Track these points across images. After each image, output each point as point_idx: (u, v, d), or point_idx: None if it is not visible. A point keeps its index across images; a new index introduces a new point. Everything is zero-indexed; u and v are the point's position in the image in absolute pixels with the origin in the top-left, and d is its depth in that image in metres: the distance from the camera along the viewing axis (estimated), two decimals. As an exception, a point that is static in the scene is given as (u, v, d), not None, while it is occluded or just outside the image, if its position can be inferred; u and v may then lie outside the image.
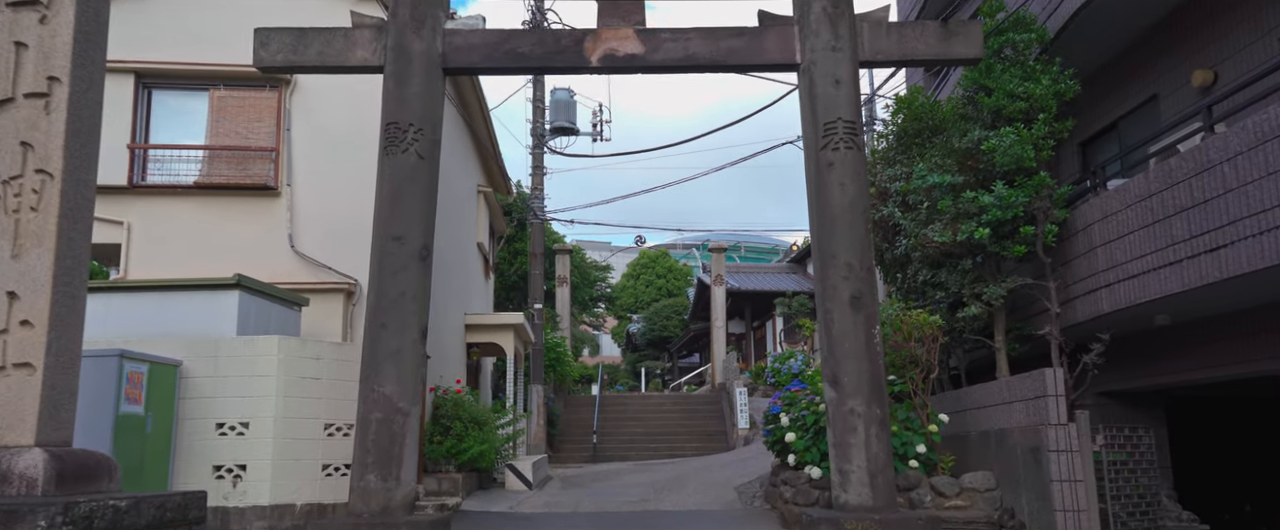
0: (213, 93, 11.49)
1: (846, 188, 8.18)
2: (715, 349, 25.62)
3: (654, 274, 53.10)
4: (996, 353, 9.25)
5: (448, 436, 11.62)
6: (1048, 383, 7.45)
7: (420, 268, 8.24)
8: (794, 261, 34.16)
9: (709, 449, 19.94)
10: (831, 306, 8.05)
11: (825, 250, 8.16)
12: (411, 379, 8.07)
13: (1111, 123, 9.86)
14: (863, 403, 7.80)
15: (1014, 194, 8.49)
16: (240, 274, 8.95)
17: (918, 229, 9.86)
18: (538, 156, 18.74)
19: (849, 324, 7.93)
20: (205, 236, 11.26)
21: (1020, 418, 7.95)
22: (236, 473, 8.46)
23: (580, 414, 22.05)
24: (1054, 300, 8.57)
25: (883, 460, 7.75)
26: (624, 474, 15.89)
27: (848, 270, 8.00)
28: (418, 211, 8.25)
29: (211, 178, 11.33)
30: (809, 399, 9.61)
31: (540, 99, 18.61)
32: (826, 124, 8.26)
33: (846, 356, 7.90)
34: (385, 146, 8.27)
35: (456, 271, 14.81)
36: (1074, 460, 7.30)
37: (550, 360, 20.88)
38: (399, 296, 8.11)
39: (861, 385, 7.81)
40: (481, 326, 15.33)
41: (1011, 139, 8.50)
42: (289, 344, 8.78)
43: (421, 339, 8.23)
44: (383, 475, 7.80)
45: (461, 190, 15.40)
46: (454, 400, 12.04)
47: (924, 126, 10.80)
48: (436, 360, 12.68)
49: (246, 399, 8.57)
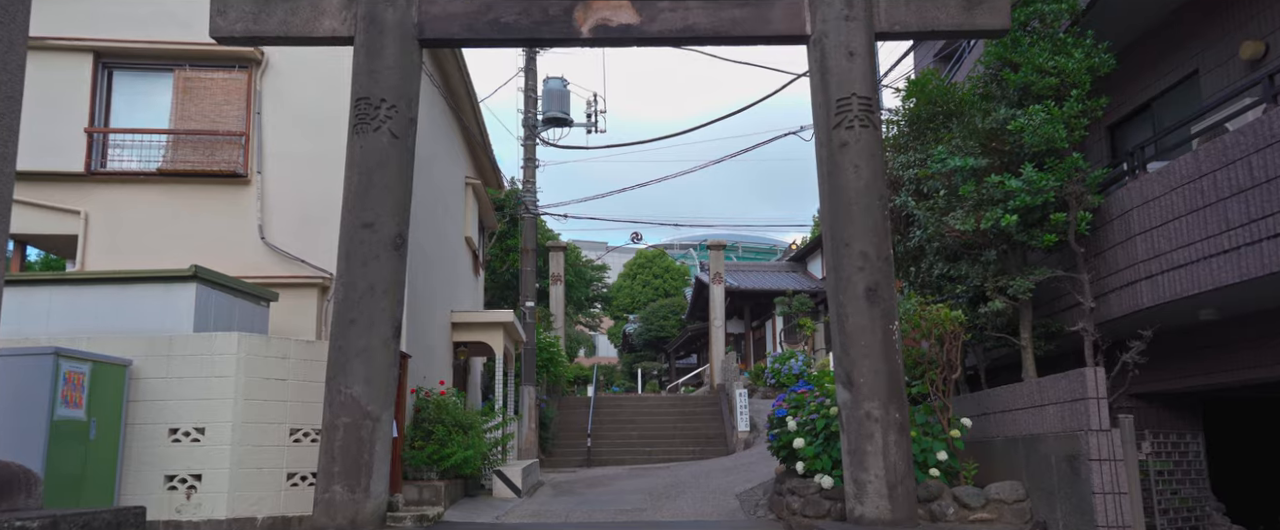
0: (178, 73, 10.73)
1: (861, 170, 7.44)
2: (714, 349, 24.88)
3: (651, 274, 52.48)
4: (1022, 352, 8.51)
5: (429, 441, 10.86)
6: (1088, 384, 6.70)
7: (393, 258, 7.49)
8: (794, 260, 33.44)
9: (708, 453, 19.19)
10: (845, 300, 7.30)
11: (838, 238, 7.42)
12: (383, 380, 7.31)
13: (1144, 103, 9.12)
14: (880, 406, 7.06)
15: (1044, 178, 7.75)
16: (197, 265, 8.19)
17: (934, 219, 9.14)
18: (530, 148, 17.98)
19: (865, 319, 7.19)
20: (169, 227, 10.51)
21: (1054, 422, 7.21)
22: (191, 483, 7.70)
23: (574, 416, 21.30)
24: (1088, 294, 7.84)
25: (902, 469, 7.02)
26: (619, 480, 15.13)
27: (863, 260, 7.26)
28: (390, 196, 7.49)
29: (176, 164, 10.57)
30: (818, 401, 8.87)
31: (532, 88, 17.86)
32: (839, 101, 7.53)
33: (862, 355, 7.16)
34: (355, 124, 7.52)
35: (443, 266, 14.05)
36: (1118, 470, 6.56)
37: (543, 361, 20.13)
38: (369, 289, 7.36)
39: (878, 386, 7.07)
40: (469, 325, 14.58)
41: (1041, 117, 7.77)
42: (251, 341, 8.02)
43: (394, 336, 7.48)
44: (350, 486, 7.05)
45: (448, 181, 14.65)
46: (437, 402, 11.28)
47: (939, 110, 10.06)
48: (420, 360, 11.93)
49: (203, 402, 7.82)
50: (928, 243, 9.70)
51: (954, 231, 8.28)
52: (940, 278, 9.74)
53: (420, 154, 12.42)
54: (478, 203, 16.75)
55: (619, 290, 48.97)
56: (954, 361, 7.96)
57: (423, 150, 12.46)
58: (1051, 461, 7.17)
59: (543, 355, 20.02)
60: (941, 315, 7.90)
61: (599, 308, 41.86)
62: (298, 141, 10.79)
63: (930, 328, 7.94)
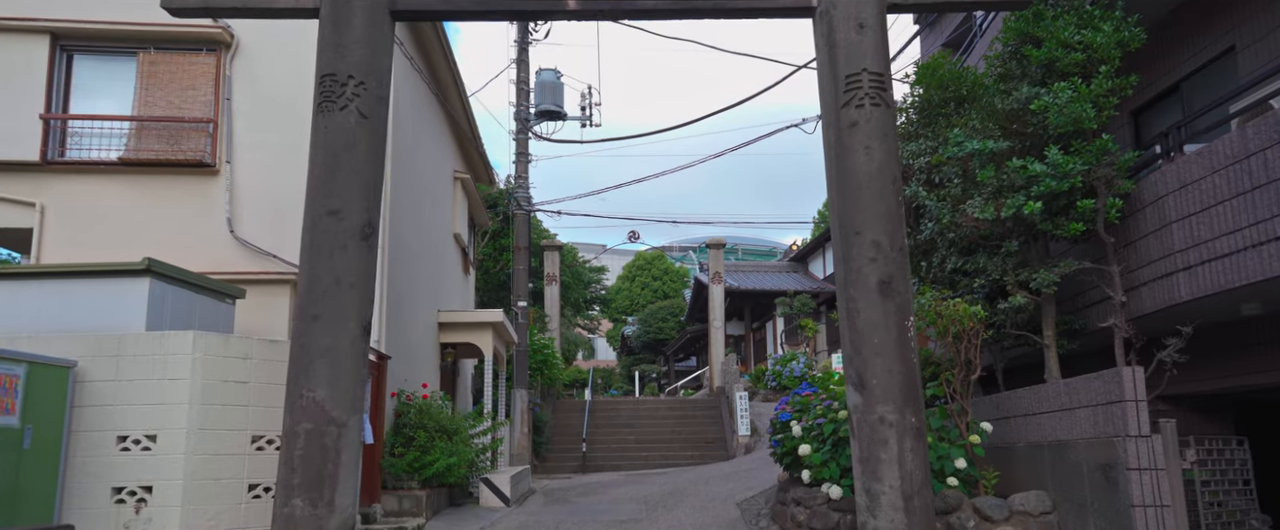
0: (142, 57, 10.08)
1: (873, 151, 6.76)
2: (713, 351, 24.22)
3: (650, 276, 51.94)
4: (1045, 351, 7.87)
5: (410, 448, 10.22)
6: (1125, 385, 6.06)
7: (362, 248, 6.82)
8: (795, 260, 32.81)
9: (707, 458, 18.54)
10: (856, 294, 6.63)
11: (848, 227, 6.75)
12: (350, 382, 6.64)
13: (1172, 84, 8.48)
14: (895, 409, 6.38)
15: (1071, 161, 7.11)
16: (151, 258, 7.54)
17: (946, 210, 8.51)
18: (522, 142, 17.32)
19: (878, 315, 6.51)
20: (132, 220, 9.87)
21: (1086, 427, 6.56)
22: (140, 496, 7.05)
23: (569, 420, 20.65)
24: (1118, 287, 7.19)
25: (919, 479, 6.35)
26: (614, 486, 14.48)
27: (875, 250, 6.59)
28: (359, 180, 6.82)
29: (140, 153, 9.91)
30: (825, 404, 8.23)
31: (524, 80, 17.21)
32: (849, 77, 6.86)
33: (875, 354, 6.48)
34: (320, 103, 6.85)
35: (428, 263, 13.42)
36: (1160, 480, 5.91)
37: (537, 363, 19.47)
38: (335, 283, 6.68)
39: (893, 388, 6.40)
40: (457, 325, 13.93)
41: (1068, 95, 7.12)
42: (208, 341, 7.37)
43: (364, 335, 6.80)
44: (312, 500, 6.37)
45: (434, 174, 14.01)
46: (419, 407, 10.64)
47: (951, 96, 9.43)
48: (402, 361, 11.29)
49: (155, 407, 7.17)
50: (940, 235, 9.07)
51: (971, 220, 7.64)
52: (954, 272, 9.10)
53: (403, 144, 11.79)
54: (467, 198, 16.11)
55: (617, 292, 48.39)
56: (974, 361, 7.31)
57: (405, 140, 11.82)
58: (1082, 470, 6.53)
59: (536, 357, 19.37)
60: (959, 311, 7.25)
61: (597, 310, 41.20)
62: (270, 130, 10.15)
63: (947, 325, 7.29)
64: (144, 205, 9.93)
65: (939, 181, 9.21)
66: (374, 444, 9.66)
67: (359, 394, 6.94)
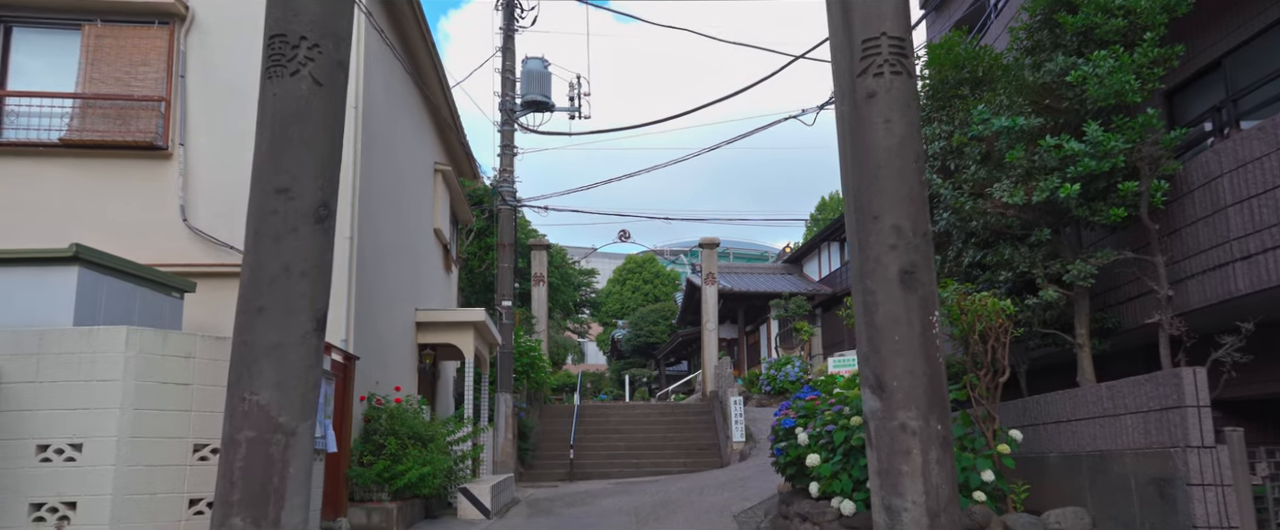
0: (87, 29, 9.25)
1: (893, 125, 5.95)
2: (706, 354, 23.42)
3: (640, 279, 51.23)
4: (1077, 351, 7.11)
5: (380, 456, 9.39)
6: (1185, 388, 5.29)
7: (316, 233, 5.99)
8: (789, 262, 32.07)
9: (700, 465, 17.74)
10: (874, 286, 5.82)
11: (864, 210, 5.95)
12: (300, 384, 5.81)
13: (1214, 61, 7.73)
14: (918, 416, 5.58)
15: (1112, 139, 6.35)
16: (80, 244, 6.71)
17: (965, 197, 7.77)
18: (507, 134, 16.49)
19: (899, 309, 5.70)
20: (75, 207, 9.04)
21: (1134, 436, 5.79)
22: (62, 513, 6.21)
23: (557, 426, 19.81)
24: (1163, 280, 6.43)
25: (947, 494, 5.55)
26: (603, 496, 13.67)
27: (896, 236, 5.78)
28: (312, 155, 5.99)
29: (84, 134, 9.08)
30: (834, 409, 7.45)
31: (510, 69, 16.39)
32: (866, 42, 6.05)
33: (895, 353, 5.68)
34: (268, 67, 6.02)
35: (405, 258, 12.60)
36: (1226, 497, 5.15)
37: (523, 366, 18.63)
38: (283, 271, 5.84)
39: (916, 392, 5.58)
40: (436, 325, 13.10)
41: (1109, 65, 6.37)
42: (144, 337, 6.54)
43: (317, 331, 5.98)
44: (254, 518, 5.53)
45: (413, 164, 13.20)
46: (390, 411, 9.82)
47: (967, 76, 8.70)
48: (373, 362, 10.48)
49: (82, 411, 6.33)
50: (957, 226, 8.32)
51: (997, 207, 6.88)
52: (971, 266, 8.35)
53: (377, 128, 10.99)
54: (449, 192, 15.29)
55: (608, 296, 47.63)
56: (1002, 362, 6.54)
57: (379, 124, 11.01)
58: (1130, 485, 5.76)
59: (523, 360, 18.54)
60: (986, 306, 6.47)
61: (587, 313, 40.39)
62: (228, 111, 9.34)
63: (972, 321, 6.52)
64: (89, 191, 9.10)
65: (954, 168, 8.47)
66: (339, 453, 8.84)
67: (312, 398, 6.09)
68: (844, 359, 22.06)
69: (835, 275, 27.77)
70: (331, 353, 8.62)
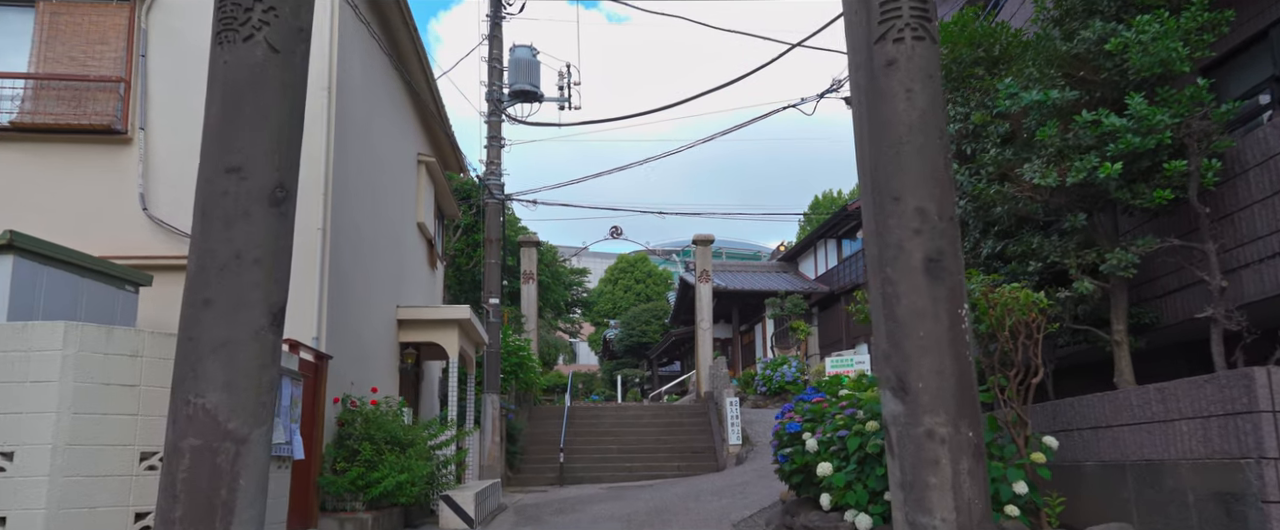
0: (42, 6, 8.61)
1: (915, 96, 5.32)
2: (701, 354, 22.80)
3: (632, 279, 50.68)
4: (1114, 348, 6.52)
5: (354, 463, 8.76)
6: (1257, 391, 4.69)
7: (271, 216, 5.33)
8: (784, 260, 31.49)
9: (695, 469, 17.13)
10: (895, 275, 5.19)
11: (883, 191, 5.32)
12: (253, 386, 5.15)
13: (1260, 31, 7.13)
14: (947, 421, 4.94)
15: (1158, 113, 5.76)
16: (15, 231, 6.07)
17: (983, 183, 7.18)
18: (494, 124, 15.85)
19: (923, 300, 5.06)
20: (27, 195, 8.40)
21: (1192, 445, 5.20)
22: (-10, 529, 5.57)
23: (547, 428, 19.17)
24: (1215, 269, 5.84)
25: (980, 510, 4.91)
26: (595, 502, 13.04)
27: (920, 219, 5.15)
28: (268, 129, 5.34)
29: (37, 117, 8.44)
30: (847, 413, 6.84)
31: (497, 58, 15.77)
32: (885, 4, 5.49)
33: (921, 350, 5.04)
34: (218, 32, 5.35)
35: (386, 253, 11.96)
36: (1300, 515, 4.55)
37: (512, 365, 18.01)
38: (234, 259, 5.19)
39: (945, 394, 4.95)
40: (419, 322, 12.47)
41: (1154, 30, 5.78)
42: (85, 333, 5.90)
43: (273, 326, 5.32)
44: (201, 537, 4.95)
45: (394, 154, 12.56)
46: (365, 414, 9.18)
47: (983, 55, 8.12)
48: (349, 362, 9.85)
49: (12, 417, 5.69)
50: (975, 214, 7.74)
51: (1027, 190, 6.28)
52: (991, 257, 7.76)
53: (353, 113, 10.36)
54: (433, 185, 14.64)
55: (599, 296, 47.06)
56: (1034, 361, 5.94)
57: (356, 108, 10.38)
58: (1187, 501, 5.16)
59: (511, 360, 17.91)
60: (1018, 299, 5.87)
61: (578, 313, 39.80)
62: (192, 93, 8.57)
63: (1001, 316, 5.92)
64: (42, 178, 8.46)
65: (972, 152, 7.89)
66: (308, 460, 8.21)
67: (268, 400, 5.42)
68: (842, 359, 21.46)
69: (832, 273, 27.18)
70: (300, 351, 7.99)
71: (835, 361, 21.24)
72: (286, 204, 5.61)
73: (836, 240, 27.20)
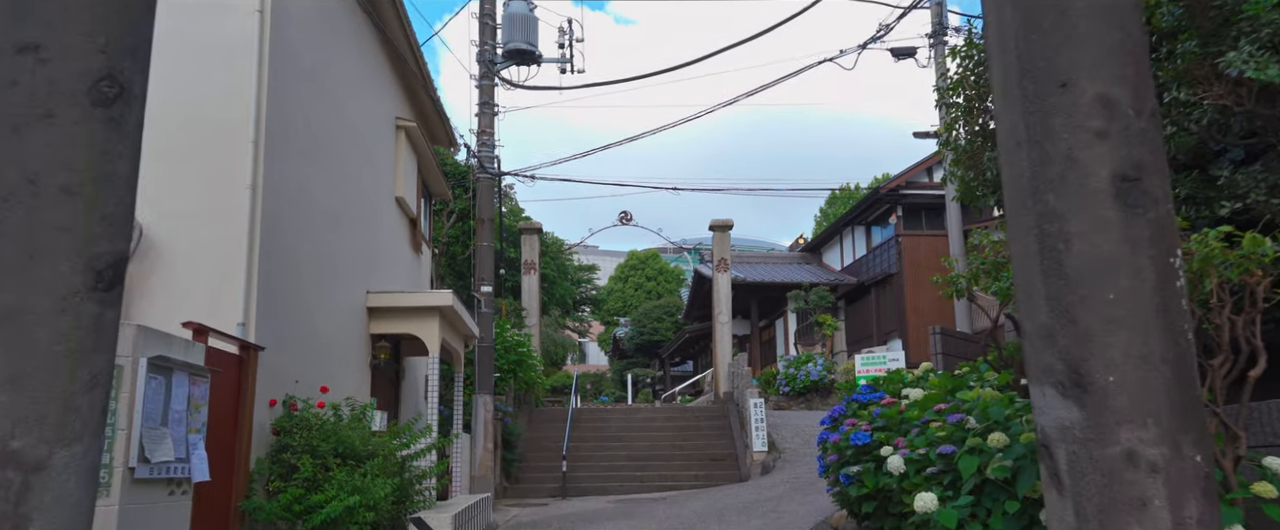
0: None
1: (1084, -65, 3.46)
2: (719, 350, 20.86)
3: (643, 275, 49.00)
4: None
5: (290, 482, 6.88)
6: None
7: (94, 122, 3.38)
8: (807, 250, 29.54)
9: (715, 479, 15.20)
10: (1062, 204, 3.13)
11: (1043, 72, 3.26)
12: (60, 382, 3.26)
13: None
14: (1160, 437, 2.91)
15: None
16: None
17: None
18: (486, 89, 13.97)
19: (1115, 243, 3.00)
20: None
21: None
22: None
23: (549, 433, 17.27)
24: None
25: (1211, 582, 3.05)
26: (601, 519, 11.14)
27: (1106, 114, 3.07)
28: (90, -8, 3.52)
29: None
30: (952, 421, 4.91)
31: (489, 14, 13.90)
32: None
33: (1111, 323, 2.99)
34: None
35: (355, 228, 10.10)
36: None
37: (509, 363, 16.10)
38: (26, 185, 3.22)
39: (1153, 394, 3.00)
40: (392, 311, 10.60)
41: None
42: None
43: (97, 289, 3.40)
44: (-39, 621, 3.06)
45: (365, 115, 10.69)
46: (305, 420, 7.31)
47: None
48: (302, 357, 8.01)
49: None
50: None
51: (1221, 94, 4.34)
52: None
53: (304, 54, 8.45)
54: (416, 154, 12.77)
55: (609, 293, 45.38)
56: (1255, 343, 4.00)
57: (308, 50, 8.51)
58: None
59: (508, 357, 16.01)
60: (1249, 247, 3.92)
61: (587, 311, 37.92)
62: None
63: (1201, 271, 3.98)
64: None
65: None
66: (227, 481, 6.35)
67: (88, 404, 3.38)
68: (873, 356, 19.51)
69: (860, 264, 25.23)
70: (210, 339, 6.11)
71: (866, 359, 19.32)
72: (121, 105, 3.52)
73: (866, 228, 25.24)
